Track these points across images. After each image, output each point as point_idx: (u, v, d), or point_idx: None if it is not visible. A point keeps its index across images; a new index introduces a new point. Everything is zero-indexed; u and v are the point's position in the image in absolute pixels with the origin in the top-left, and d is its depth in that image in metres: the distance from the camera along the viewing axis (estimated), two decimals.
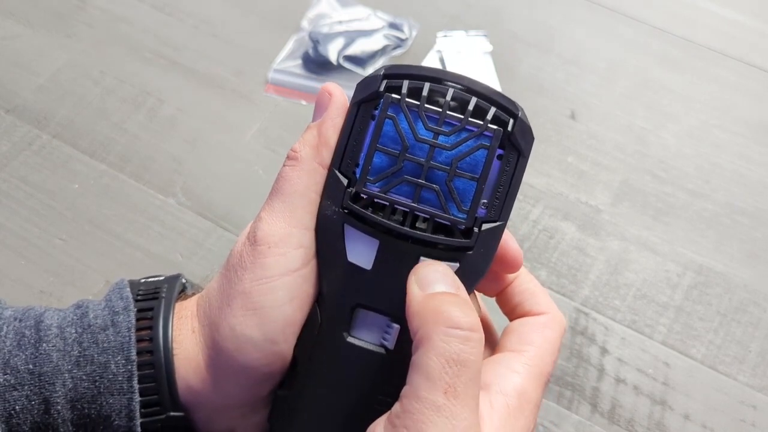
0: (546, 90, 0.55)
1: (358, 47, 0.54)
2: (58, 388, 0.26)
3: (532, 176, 0.49)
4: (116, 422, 0.26)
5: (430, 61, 0.55)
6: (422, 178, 0.25)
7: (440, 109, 0.25)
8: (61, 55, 0.54)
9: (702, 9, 0.61)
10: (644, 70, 0.57)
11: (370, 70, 0.54)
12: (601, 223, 0.47)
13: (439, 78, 0.25)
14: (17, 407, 0.26)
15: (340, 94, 0.27)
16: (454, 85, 0.25)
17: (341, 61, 0.54)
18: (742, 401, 0.40)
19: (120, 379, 0.26)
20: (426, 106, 0.25)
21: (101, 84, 0.53)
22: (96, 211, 0.46)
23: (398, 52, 0.55)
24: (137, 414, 0.26)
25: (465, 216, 0.25)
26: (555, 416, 0.39)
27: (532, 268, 0.45)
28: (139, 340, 0.27)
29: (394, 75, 0.25)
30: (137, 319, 0.27)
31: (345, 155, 0.26)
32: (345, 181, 0.25)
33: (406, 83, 0.25)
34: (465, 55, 0.56)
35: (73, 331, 0.27)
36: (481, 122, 0.25)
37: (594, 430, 0.39)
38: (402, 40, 0.56)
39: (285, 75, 0.53)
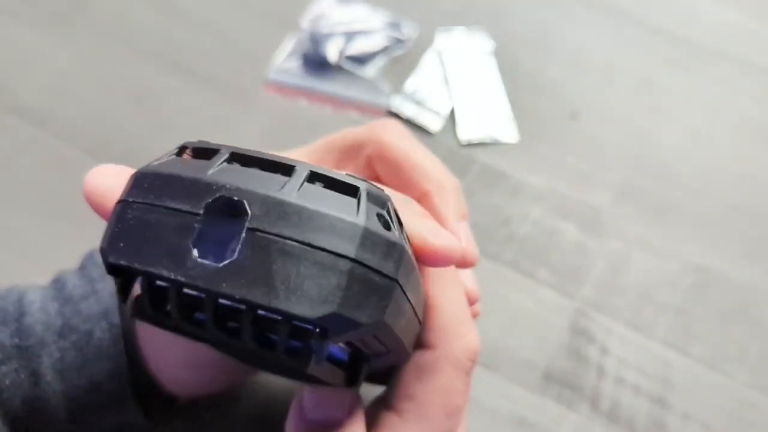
0: (546, 89, 0.55)
1: (358, 47, 0.55)
2: (44, 360, 0.26)
3: (532, 176, 0.49)
4: (108, 388, 0.26)
5: (430, 61, 0.55)
6: None
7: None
8: (61, 55, 0.54)
9: (702, 9, 0.61)
10: (644, 70, 0.57)
11: (370, 70, 0.54)
12: (601, 223, 0.47)
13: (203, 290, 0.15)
14: (7, 381, 0.26)
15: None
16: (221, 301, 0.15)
17: (341, 61, 0.54)
18: (742, 401, 0.40)
19: (106, 344, 0.26)
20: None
21: (102, 84, 0.53)
22: None
23: (398, 52, 0.55)
24: (126, 376, 0.26)
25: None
26: (555, 416, 0.39)
27: (533, 268, 0.45)
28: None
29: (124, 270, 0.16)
30: None
31: None
32: None
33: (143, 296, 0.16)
34: (466, 56, 0.56)
35: (55, 304, 0.27)
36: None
37: (594, 430, 0.39)
38: (402, 41, 0.56)
39: (285, 75, 0.53)
